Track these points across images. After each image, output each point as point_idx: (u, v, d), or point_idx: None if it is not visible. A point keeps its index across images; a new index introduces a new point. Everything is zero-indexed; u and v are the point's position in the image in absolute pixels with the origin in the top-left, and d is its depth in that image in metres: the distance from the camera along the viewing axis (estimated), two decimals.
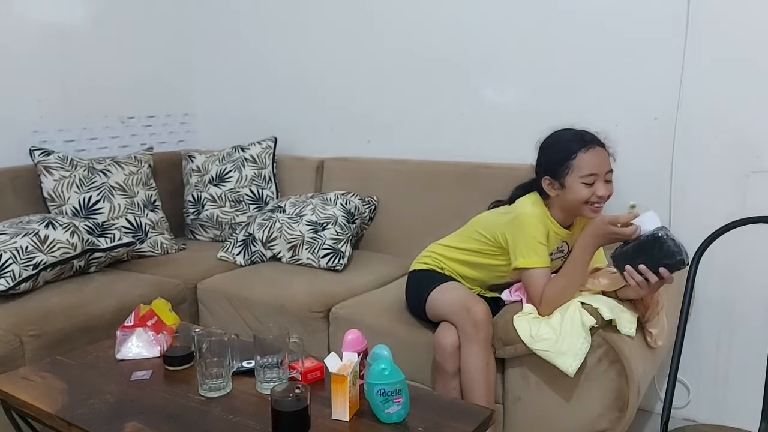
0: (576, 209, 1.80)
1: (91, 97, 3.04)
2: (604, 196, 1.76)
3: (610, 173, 1.79)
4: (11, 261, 2.20)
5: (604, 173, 1.77)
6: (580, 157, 1.76)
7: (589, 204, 1.77)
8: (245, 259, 2.71)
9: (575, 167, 1.76)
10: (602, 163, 1.77)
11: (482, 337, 1.74)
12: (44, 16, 2.84)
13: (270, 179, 2.99)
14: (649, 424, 2.32)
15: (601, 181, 1.76)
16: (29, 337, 2.02)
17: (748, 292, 2.20)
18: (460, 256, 1.99)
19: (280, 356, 1.54)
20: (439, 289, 1.89)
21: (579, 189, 1.76)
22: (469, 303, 1.79)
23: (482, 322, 1.75)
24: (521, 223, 1.80)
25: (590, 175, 1.75)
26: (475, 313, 1.75)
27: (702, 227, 1.73)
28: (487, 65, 2.60)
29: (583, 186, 1.75)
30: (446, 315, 1.83)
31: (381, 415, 1.38)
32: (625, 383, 1.62)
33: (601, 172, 1.76)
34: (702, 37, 2.17)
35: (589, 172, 1.75)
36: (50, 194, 2.64)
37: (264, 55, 3.24)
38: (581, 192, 1.76)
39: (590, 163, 1.75)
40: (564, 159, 1.78)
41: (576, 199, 1.77)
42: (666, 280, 1.61)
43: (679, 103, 2.23)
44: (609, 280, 1.77)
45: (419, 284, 1.98)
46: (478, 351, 1.74)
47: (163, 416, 1.46)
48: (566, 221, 1.87)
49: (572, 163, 1.76)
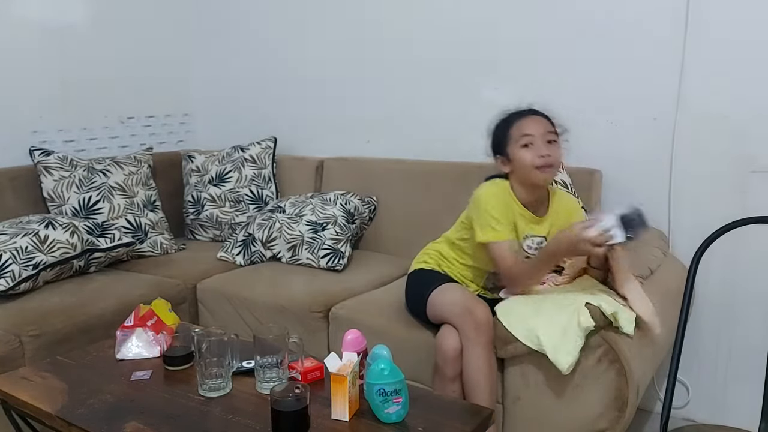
0: (527, 177, 1.83)
1: (90, 97, 3.04)
2: (545, 155, 1.78)
3: (552, 134, 1.82)
4: (11, 261, 2.20)
5: (541, 134, 1.80)
6: (515, 126, 1.83)
7: (537, 168, 1.79)
8: (245, 259, 2.71)
9: (512, 136, 1.83)
10: (538, 126, 1.82)
11: (484, 339, 1.74)
12: (44, 16, 2.84)
13: (270, 179, 2.99)
14: (649, 424, 2.32)
15: (540, 141, 1.80)
16: (29, 337, 2.02)
17: (748, 292, 2.20)
18: (456, 244, 2.01)
19: (279, 356, 1.54)
20: (440, 290, 1.89)
21: (521, 154, 1.81)
22: (470, 305, 1.78)
23: (484, 325, 1.74)
24: (477, 201, 1.86)
25: (525, 136, 1.80)
26: (477, 315, 1.75)
27: (702, 227, 1.73)
28: (487, 65, 2.60)
29: (524, 150, 1.80)
30: (447, 317, 1.82)
31: (381, 415, 1.39)
32: (625, 383, 1.62)
33: (538, 133, 1.80)
34: (702, 37, 2.17)
35: (523, 133, 1.80)
36: (50, 194, 2.64)
37: (264, 56, 3.24)
38: (524, 156, 1.80)
39: (524, 126, 1.82)
40: (504, 133, 1.85)
41: (522, 165, 1.81)
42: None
43: (679, 103, 2.23)
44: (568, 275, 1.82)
45: (419, 284, 1.98)
46: (480, 353, 1.74)
47: (163, 416, 1.46)
48: (530, 199, 1.87)
49: (510, 133, 1.83)
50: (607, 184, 2.38)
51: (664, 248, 2.22)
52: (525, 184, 1.86)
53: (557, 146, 1.83)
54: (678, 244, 2.28)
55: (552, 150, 1.80)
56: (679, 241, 2.28)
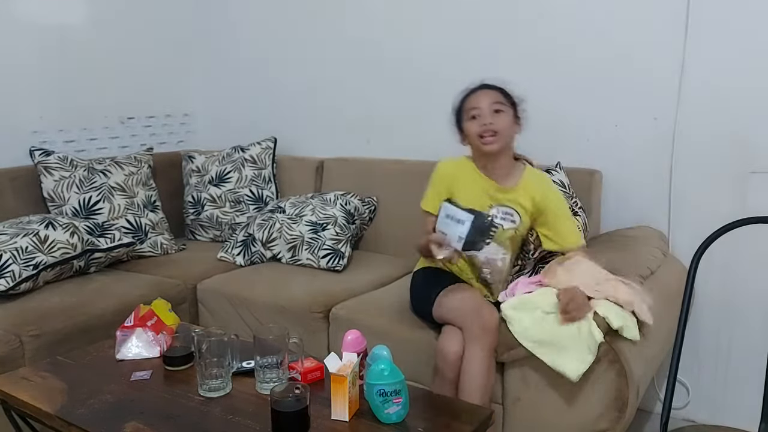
0: (477, 147, 1.92)
1: (90, 97, 3.04)
2: (487, 123, 1.85)
3: (499, 104, 1.88)
4: (11, 261, 2.20)
5: (487, 105, 1.87)
6: (466, 101, 1.93)
7: (480, 137, 1.87)
8: (245, 260, 2.71)
9: (464, 110, 1.92)
10: (485, 98, 1.89)
11: (488, 341, 1.74)
12: (44, 16, 2.84)
13: (270, 180, 2.99)
14: (649, 425, 2.32)
15: (486, 112, 1.87)
16: (29, 338, 2.02)
17: (748, 293, 2.20)
18: None
19: (279, 356, 1.54)
20: (450, 290, 1.88)
21: (469, 126, 1.90)
22: (479, 305, 1.79)
23: (490, 327, 1.74)
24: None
25: (472, 109, 1.89)
26: (485, 316, 1.75)
27: (702, 227, 1.73)
28: (487, 65, 2.58)
29: (471, 122, 1.89)
30: (455, 316, 1.82)
31: (381, 415, 1.39)
32: (625, 383, 1.62)
33: (484, 105, 1.87)
34: (702, 37, 2.17)
35: (471, 107, 1.89)
36: (50, 194, 2.64)
37: (264, 56, 3.24)
38: (470, 127, 1.89)
39: (471, 101, 1.91)
40: (459, 108, 1.95)
41: (470, 136, 1.90)
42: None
43: (679, 103, 2.24)
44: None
45: (426, 284, 1.98)
46: (481, 355, 1.73)
47: (162, 416, 1.46)
48: (491, 169, 1.94)
49: (463, 108, 1.93)
50: (607, 184, 2.38)
51: (664, 248, 2.22)
52: (479, 155, 1.95)
53: (503, 115, 1.88)
54: (678, 244, 2.28)
55: (496, 119, 1.87)
56: (679, 241, 2.28)
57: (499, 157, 1.91)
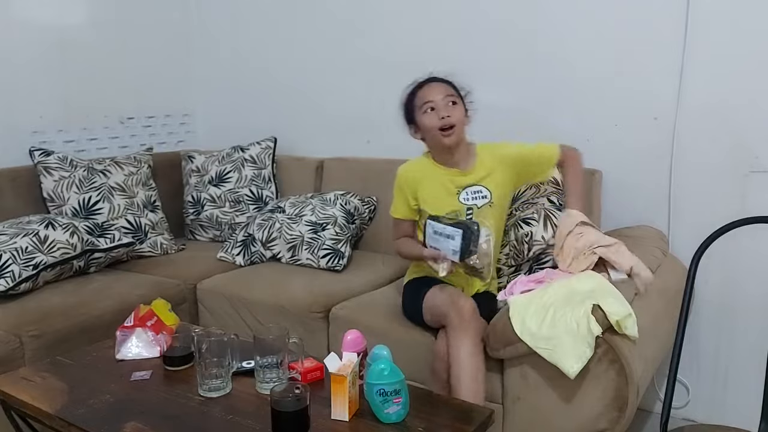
0: (435, 141, 1.93)
1: (90, 97, 3.04)
2: (445, 116, 1.87)
3: (452, 97, 1.91)
4: (11, 261, 2.20)
5: (441, 98, 1.89)
6: (417, 95, 1.94)
7: (440, 130, 1.89)
8: (245, 260, 2.71)
9: (417, 104, 1.93)
10: (437, 91, 1.91)
11: (468, 328, 1.75)
12: (44, 16, 2.84)
13: (269, 179, 2.99)
14: (649, 424, 2.32)
15: (441, 105, 1.89)
16: (29, 338, 2.02)
17: (748, 292, 2.20)
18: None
19: (279, 356, 1.54)
20: (431, 291, 1.92)
21: (425, 120, 1.91)
22: (455, 297, 1.84)
23: (468, 314, 1.77)
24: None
25: (425, 103, 1.90)
26: (461, 306, 1.78)
27: (702, 227, 1.73)
28: (485, 65, 2.59)
29: (426, 115, 1.91)
30: (435, 314, 1.87)
31: (381, 415, 1.39)
32: (625, 383, 1.62)
33: (437, 98, 1.89)
34: (702, 37, 2.17)
35: (423, 101, 1.91)
36: (50, 194, 2.64)
37: (263, 56, 3.24)
38: (427, 121, 1.91)
39: (424, 94, 1.92)
40: (409, 104, 1.97)
41: (427, 130, 1.92)
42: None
43: (679, 104, 2.23)
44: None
45: (413, 292, 2.00)
46: (463, 342, 1.74)
47: (162, 416, 1.46)
48: (451, 160, 1.97)
49: (414, 102, 1.94)
50: (607, 184, 2.38)
51: (664, 248, 2.22)
52: (437, 148, 1.97)
53: (458, 107, 1.91)
54: (678, 244, 2.28)
55: (452, 111, 1.89)
56: (679, 241, 2.28)
57: (456, 147, 1.95)
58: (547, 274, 1.91)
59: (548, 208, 2.07)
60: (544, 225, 2.02)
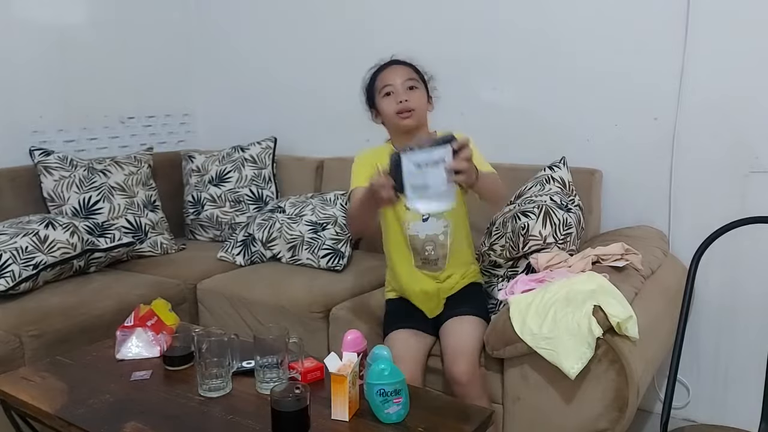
0: (394, 125, 1.90)
1: (90, 97, 3.04)
2: (404, 101, 1.83)
3: (412, 81, 1.87)
4: (11, 261, 2.20)
5: (401, 83, 1.85)
6: (378, 78, 1.90)
7: (398, 114, 1.85)
8: (245, 260, 2.71)
9: (377, 87, 1.89)
10: (397, 74, 1.87)
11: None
12: (44, 16, 2.84)
13: (270, 179, 2.99)
14: (649, 424, 2.32)
15: (400, 89, 1.85)
16: (29, 337, 2.02)
17: (748, 292, 2.20)
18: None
19: (279, 356, 1.54)
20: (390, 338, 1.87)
21: (384, 104, 1.87)
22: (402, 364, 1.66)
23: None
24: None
25: (385, 87, 1.87)
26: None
27: (702, 227, 1.73)
28: (487, 65, 2.60)
29: (385, 99, 1.87)
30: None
31: (381, 415, 1.39)
32: (625, 383, 1.62)
33: (396, 83, 1.85)
34: (702, 37, 2.17)
35: (383, 85, 1.87)
36: (50, 194, 2.64)
37: (263, 56, 3.24)
38: (387, 106, 1.87)
39: (384, 78, 1.88)
40: (369, 87, 1.93)
41: (386, 114, 1.88)
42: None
43: (679, 104, 2.23)
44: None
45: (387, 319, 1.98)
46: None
47: (162, 416, 1.46)
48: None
49: (375, 86, 1.91)
50: (607, 184, 2.38)
51: (664, 248, 2.22)
52: (396, 132, 1.93)
53: (418, 92, 1.87)
54: (678, 244, 2.28)
55: (411, 95, 1.85)
56: (679, 241, 2.28)
57: (416, 131, 1.91)
58: (547, 273, 1.91)
59: (549, 205, 2.05)
60: (543, 221, 2.00)
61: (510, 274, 2.05)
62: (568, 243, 2.02)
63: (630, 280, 1.85)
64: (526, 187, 2.21)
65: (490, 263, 2.14)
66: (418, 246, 1.94)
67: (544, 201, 2.08)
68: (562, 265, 1.92)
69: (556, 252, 1.96)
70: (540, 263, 1.94)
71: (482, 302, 1.97)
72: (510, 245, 2.02)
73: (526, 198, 2.14)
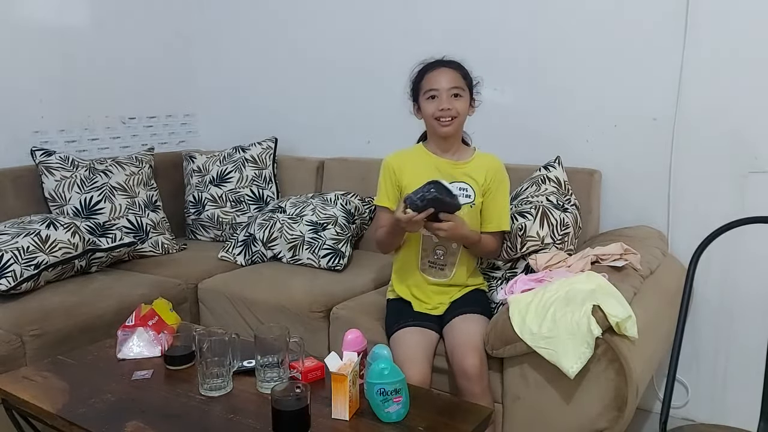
0: (431, 127, 1.93)
1: (92, 97, 3.04)
2: (445, 109, 1.85)
3: (457, 89, 1.88)
4: (12, 261, 2.21)
5: (446, 89, 1.86)
6: (425, 78, 1.91)
7: (437, 120, 1.87)
8: (246, 259, 2.71)
9: (422, 87, 1.91)
10: (443, 80, 1.88)
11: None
12: (45, 16, 2.85)
13: (270, 179, 3.00)
14: (648, 424, 2.33)
15: (444, 96, 1.86)
16: (30, 337, 2.02)
17: (747, 292, 2.21)
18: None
19: (280, 356, 1.55)
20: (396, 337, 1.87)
21: (425, 105, 1.89)
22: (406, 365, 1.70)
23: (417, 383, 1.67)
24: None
25: (430, 90, 1.88)
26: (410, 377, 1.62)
27: (701, 227, 1.73)
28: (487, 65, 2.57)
29: (428, 102, 1.88)
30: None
31: (381, 414, 1.39)
32: (624, 382, 1.62)
33: (443, 88, 1.86)
34: (701, 37, 2.17)
35: (428, 88, 1.88)
36: (51, 194, 2.65)
37: (264, 56, 3.24)
38: (427, 108, 1.89)
39: (431, 80, 1.89)
40: (417, 83, 1.94)
41: (426, 116, 1.90)
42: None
43: (678, 104, 2.24)
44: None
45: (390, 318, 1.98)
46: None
47: (163, 415, 1.46)
48: (444, 148, 1.95)
49: (421, 84, 1.91)
50: (607, 184, 2.38)
51: (664, 248, 2.23)
52: (432, 135, 1.96)
53: (462, 100, 1.88)
54: (677, 243, 2.29)
55: (454, 104, 1.86)
56: (679, 240, 2.28)
57: (451, 138, 1.94)
58: (546, 273, 1.92)
59: (546, 205, 2.06)
60: (540, 222, 2.01)
61: (508, 275, 2.06)
62: (566, 243, 2.03)
63: (629, 279, 1.86)
64: (522, 187, 2.22)
65: (489, 265, 2.15)
66: (428, 247, 1.95)
67: (541, 201, 2.09)
68: (561, 265, 1.92)
69: (555, 252, 1.97)
70: (539, 263, 1.94)
71: (487, 305, 1.98)
72: (508, 246, 2.03)
73: (523, 199, 2.15)
